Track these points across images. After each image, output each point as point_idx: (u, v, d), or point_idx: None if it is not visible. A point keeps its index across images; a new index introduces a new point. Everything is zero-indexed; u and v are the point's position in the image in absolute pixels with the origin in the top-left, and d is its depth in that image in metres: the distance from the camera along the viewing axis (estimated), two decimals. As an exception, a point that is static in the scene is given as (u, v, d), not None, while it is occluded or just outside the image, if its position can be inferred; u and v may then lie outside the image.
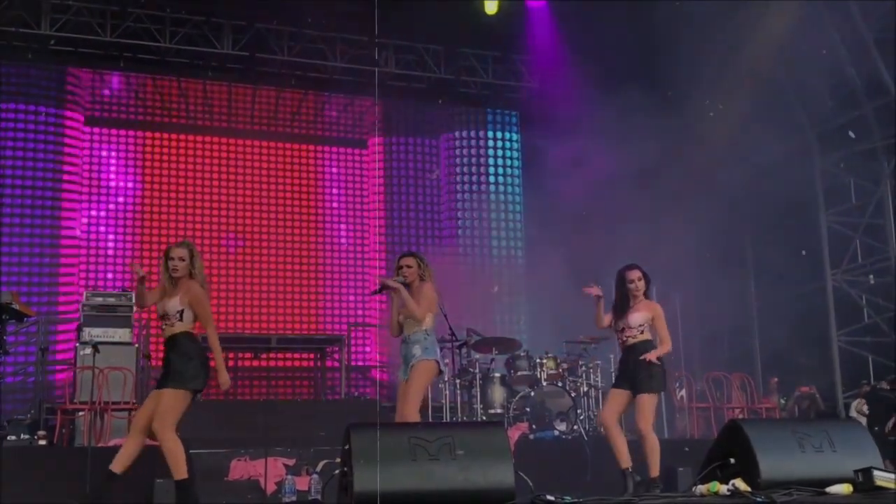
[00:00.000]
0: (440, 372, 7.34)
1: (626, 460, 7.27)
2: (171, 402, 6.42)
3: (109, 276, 14.44)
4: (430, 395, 10.49)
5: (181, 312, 6.56)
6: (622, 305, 7.52)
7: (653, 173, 13.02)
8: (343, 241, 15.86)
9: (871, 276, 14.27)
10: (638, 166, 12.79)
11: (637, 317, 7.46)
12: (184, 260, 6.62)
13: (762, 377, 14.29)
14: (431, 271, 7.37)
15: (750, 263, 15.14)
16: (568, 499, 4.50)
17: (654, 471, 7.15)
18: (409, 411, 6.91)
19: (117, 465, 6.46)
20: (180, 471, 6.42)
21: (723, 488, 5.04)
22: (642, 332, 7.46)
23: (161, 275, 6.71)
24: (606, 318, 7.61)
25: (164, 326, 6.64)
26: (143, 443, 6.56)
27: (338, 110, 16.06)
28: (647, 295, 7.58)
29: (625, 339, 7.52)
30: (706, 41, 12.36)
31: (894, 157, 13.63)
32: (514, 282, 15.86)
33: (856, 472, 5.13)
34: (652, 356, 7.31)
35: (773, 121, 13.19)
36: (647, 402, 7.27)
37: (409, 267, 7.31)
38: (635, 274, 7.52)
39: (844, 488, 5.04)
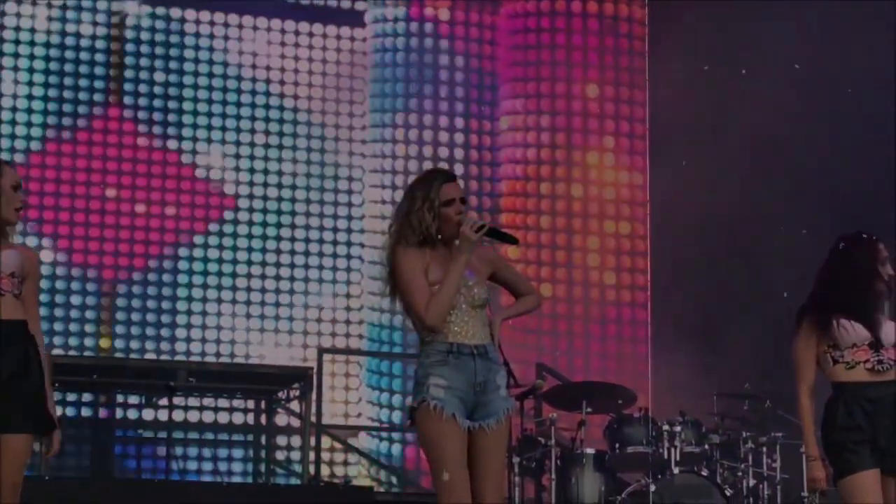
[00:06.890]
0: None
1: None
2: (27, 450, 4.20)
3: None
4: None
5: (21, 280, 4.02)
6: (866, 306, 4.41)
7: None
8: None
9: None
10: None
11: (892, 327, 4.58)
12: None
13: None
14: None
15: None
16: None
17: None
18: (500, 484, 4.23)
19: None
20: None
21: None
22: None
23: None
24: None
25: None
26: None
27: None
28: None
29: (877, 364, 4.43)
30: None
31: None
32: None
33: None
34: None
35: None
36: None
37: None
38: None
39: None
